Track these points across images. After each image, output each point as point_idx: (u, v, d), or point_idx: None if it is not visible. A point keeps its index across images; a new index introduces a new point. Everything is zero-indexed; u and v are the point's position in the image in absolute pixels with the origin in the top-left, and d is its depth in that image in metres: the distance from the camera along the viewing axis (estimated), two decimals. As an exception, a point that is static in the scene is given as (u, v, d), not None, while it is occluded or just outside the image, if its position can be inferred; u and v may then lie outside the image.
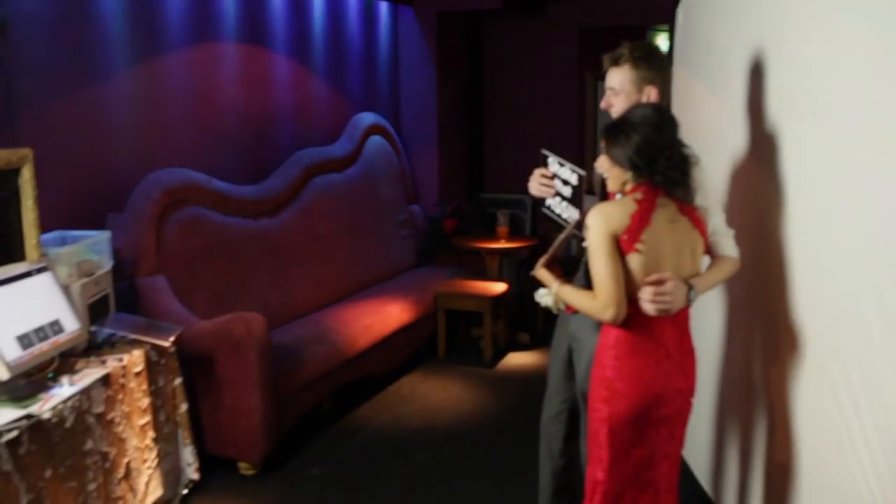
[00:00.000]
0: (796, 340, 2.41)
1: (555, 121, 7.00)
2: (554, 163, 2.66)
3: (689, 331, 2.46)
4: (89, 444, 2.78)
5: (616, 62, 2.59)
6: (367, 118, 5.80)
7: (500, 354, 5.44)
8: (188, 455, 3.51)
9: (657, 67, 2.58)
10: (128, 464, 3.06)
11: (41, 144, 3.56)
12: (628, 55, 2.56)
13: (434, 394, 4.75)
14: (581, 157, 6.99)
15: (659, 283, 2.24)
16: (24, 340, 2.67)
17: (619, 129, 2.30)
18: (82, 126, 3.79)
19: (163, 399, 3.37)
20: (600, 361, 2.39)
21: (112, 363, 3.04)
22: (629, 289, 2.26)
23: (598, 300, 2.25)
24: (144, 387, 3.21)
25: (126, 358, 3.10)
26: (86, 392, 2.79)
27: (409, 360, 5.16)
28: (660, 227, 2.25)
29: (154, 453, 3.27)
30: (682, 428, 2.45)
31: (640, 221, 2.23)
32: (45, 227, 3.45)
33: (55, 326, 2.84)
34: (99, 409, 2.86)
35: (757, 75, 2.67)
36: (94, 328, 3.24)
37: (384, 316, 4.78)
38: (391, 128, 6.06)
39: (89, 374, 2.90)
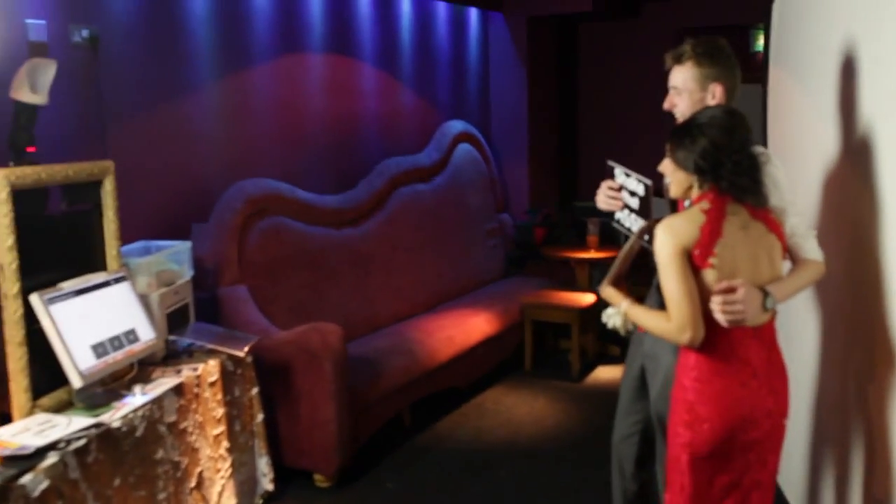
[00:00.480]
0: (895, 363, 2.20)
1: (651, 126, 6.75)
2: (620, 174, 2.52)
3: (778, 346, 2.28)
4: (160, 454, 2.81)
5: (678, 60, 2.44)
6: (456, 126, 5.75)
7: (589, 368, 5.28)
8: (263, 466, 3.52)
9: (722, 64, 2.42)
10: (200, 473, 3.09)
11: (130, 156, 3.68)
12: (691, 52, 2.41)
13: (517, 408, 4.64)
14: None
15: (729, 290, 2.08)
16: (99, 349, 2.73)
17: (685, 130, 2.15)
18: (170, 138, 3.88)
19: (239, 409, 3.39)
20: (681, 383, 2.23)
21: (187, 372, 3.07)
22: (705, 307, 2.10)
23: (672, 322, 2.10)
24: (219, 396, 3.24)
25: (201, 367, 3.12)
26: (158, 401, 2.82)
27: (494, 372, 5.07)
28: (732, 237, 2.10)
29: (228, 463, 3.30)
30: (774, 454, 2.26)
31: (712, 233, 2.08)
32: (131, 237, 3.56)
33: (130, 336, 2.89)
34: (171, 418, 2.89)
35: (849, 73, 2.45)
36: (172, 337, 3.29)
37: (467, 327, 4.70)
38: (480, 135, 5.99)
39: (163, 384, 2.93)
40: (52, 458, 2.29)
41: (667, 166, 2.23)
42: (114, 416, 2.62)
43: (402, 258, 4.94)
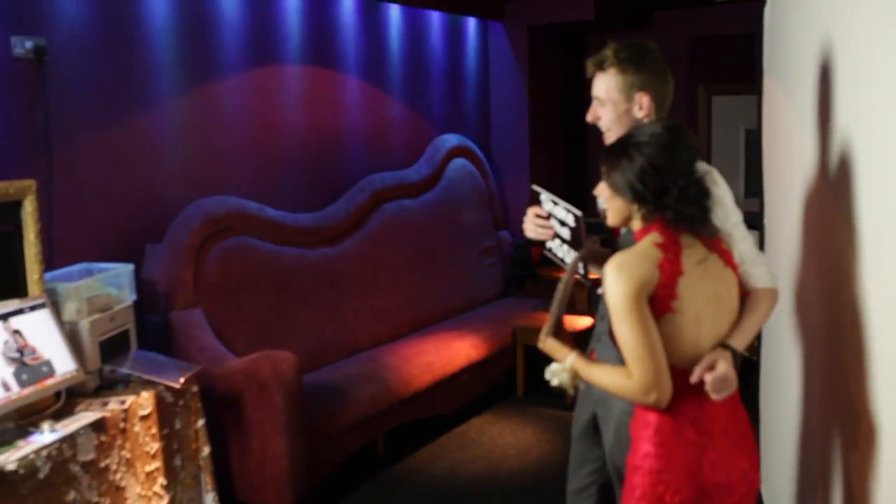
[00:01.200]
0: (874, 430, 1.85)
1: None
2: (547, 201, 2.25)
3: (739, 397, 1.99)
4: (72, 495, 2.60)
5: (600, 66, 2.19)
6: (450, 140, 5.51)
7: (586, 395, 4.97)
8: (210, 502, 3.31)
9: (649, 71, 2.16)
10: (127, 513, 2.88)
11: (80, 174, 3.52)
12: (613, 57, 2.16)
13: (502, 438, 4.36)
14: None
15: (710, 368, 1.81)
16: (3, 383, 2.54)
17: (619, 149, 1.87)
18: (127, 155, 3.71)
19: (181, 442, 3.18)
20: (639, 449, 1.90)
21: (113, 406, 2.87)
22: (672, 354, 1.81)
23: (635, 380, 1.77)
24: (154, 431, 3.03)
25: (129, 400, 2.92)
26: (70, 439, 2.62)
27: (484, 398, 4.80)
28: (692, 274, 1.82)
29: (164, 501, 3.08)
30: None
31: (673, 272, 1.79)
32: (77, 259, 3.39)
33: (44, 368, 2.69)
34: (87, 456, 2.68)
35: (827, 83, 2.15)
36: (110, 368, 3.10)
37: (451, 353, 4.44)
38: (478, 149, 5.74)
39: (80, 419, 2.74)
40: (-77, 507, 2.11)
41: (602, 190, 1.94)
42: (10, 457, 2.42)
43: (384, 278, 4.70)
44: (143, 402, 2.99)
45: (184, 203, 3.86)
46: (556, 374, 1.96)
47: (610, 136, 2.22)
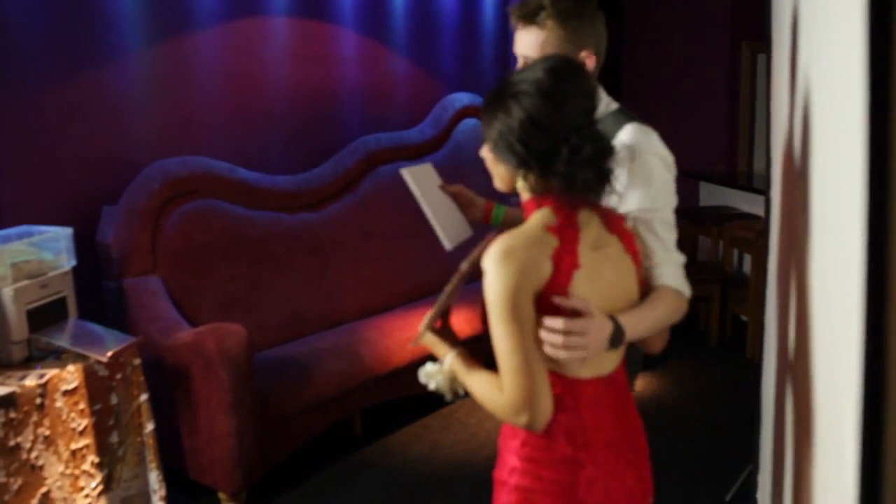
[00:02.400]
0: (812, 429, 1.52)
1: (703, 102, 5.99)
2: (413, 186, 1.91)
3: (632, 397, 1.68)
4: (-29, 476, 2.44)
5: (530, 18, 1.79)
6: (461, 99, 5.16)
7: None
8: (154, 481, 3.12)
9: (592, 20, 1.80)
10: (46, 493, 2.71)
11: (30, 133, 3.33)
12: (550, 7, 1.76)
13: (490, 421, 4.07)
14: (734, 146, 5.94)
15: (575, 314, 1.45)
16: None
17: (495, 101, 1.51)
18: (85, 113, 3.50)
19: (118, 418, 3.00)
20: (505, 460, 1.61)
21: (30, 381, 2.68)
22: (550, 360, 1.48)
23: (505, 396, 1.47)
24: (82, 406, 2.84)
25: (49, 374, 2.73)
26: (-32, 416, 2.44)
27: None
28: (587, 265, 1.49)
29: (97, 480, 2.91)
30: None
31: (568, 266, 1.45)
32: (27, 222, 3.21)
33: (-55, 339, 2.52)
34: (-8, 434, 2.51)
35: (804, 98, 1.75)
36: (41, 337, 2.91)
37: (440, 326, 4.15)
38: (492, 110, 5.36)
39: (-12, 394, 2.56)
40: None
41: (486, 152, 1.60)
42: None
43: (375, 247, 4.43)
44: (68, 375, 2.80)
45: (149, 163, 3.64)
46: (431, 377, 1.65)
47: None
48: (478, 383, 1.55)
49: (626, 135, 1.79)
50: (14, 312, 2.80)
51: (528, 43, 1.82)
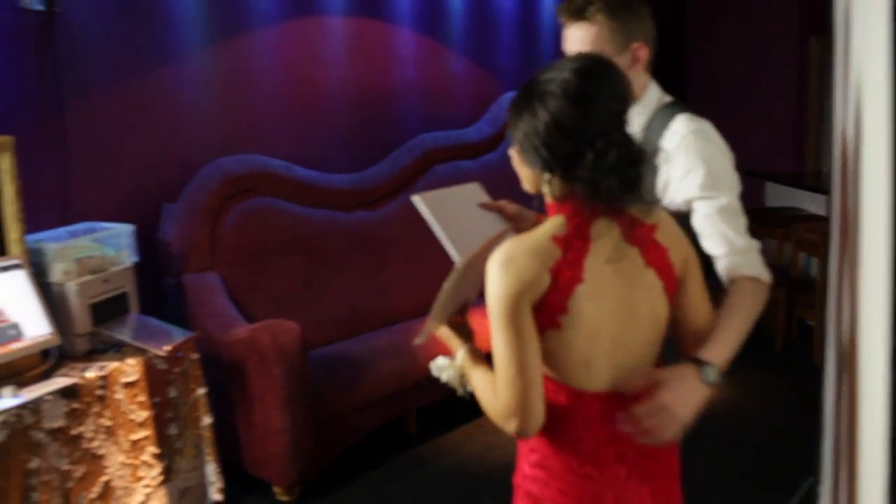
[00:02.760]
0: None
1: (769, 99, 5.84)
2: (426, 213, 1.79)
3: None
4: (36, 463, 2.52)
5: (580, 14, 1.76)
6: (519, 97, 5.12)
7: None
8: (211, 473, 3.19)
9: (642, 15, 1.77)
10: (107, 482, 2.79)
11: (93, 131, 3.43)
12: (599, 1, 1.73)
13: (544, 422, 4.04)
14: (801, 145, 5.78)
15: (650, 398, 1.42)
16: (-37, 346, 2.47)
17: (522, 101, 1.46)
18: (146, 112, 3.60)
19: (177, 411, 3.07)
20: (520, 465, 1.61)
21: (92, 372, 2.77)
22: (553, 370, 1.48)
23: (498, 401, 1.45)
24: (142, 398, 2.92)
25: (110, 367, 2.82)
26: (33, 405, 2.53)
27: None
28: (596, 278, 1.44)
29: (156, 470, 2.98)
30: None
31: (568, 280, 1.42)
32: (87, 217, 3.32)
33: (11, 331, 2.61)
34: (55, 423, 2.59)
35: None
36: (103, 331, 3.00)
37: (495, 326, 4.14)
38: (553, 108, 5.32)
39: (50, 385, 2.65)
40: None
41: (513, 154, 1.56)
42: (-41, 422, 2.35)
43: (432, 245, 4.39)
44: (128, 368, 2.88)
45: (208, 161, 3.72)
46: (442, 370, 1.65)
47: None
48: (479, 383, 1.54)
49: (678, 125, 1.80)
50: (78, 306, 2.90)
51: (578, 39, 1.79)
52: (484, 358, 1.57)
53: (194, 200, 3.52)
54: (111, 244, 3.10)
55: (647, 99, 1.89)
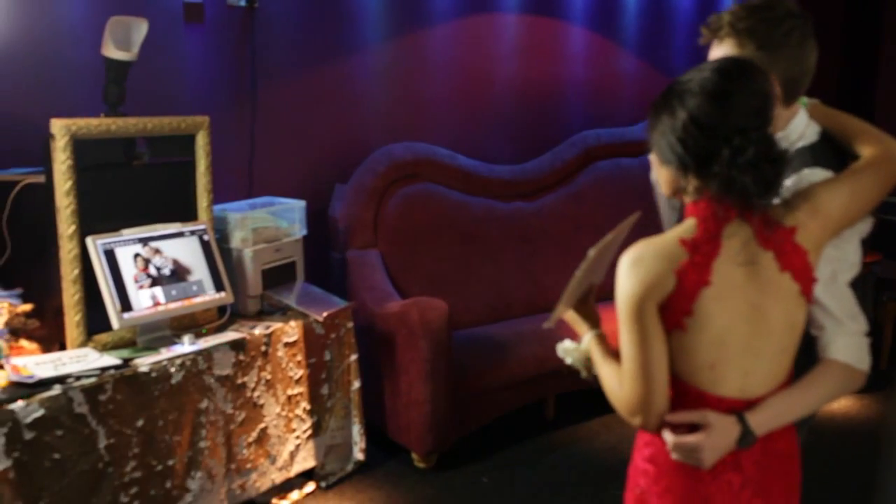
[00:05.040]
0: None
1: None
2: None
3: (790, 426, 1.60)
4: (206, 404, 2.88)
5: (715, 34, 1.70)
6: (690, 97, 5.08)
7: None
8: (356, 434, 3.48)
9: (778, 44, 1.62)
10: (263, 429, 3.13)
11: (279, 114, 3.80)
12: (728, 27, 1.66)
13: (684, 423, 4.04)
14: None
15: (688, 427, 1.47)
16: (155, 295, 2.86)
17: (662, 102, 1.48)
18: (327, 98, 3.93)
19: (330, 373, 3.37)
20: (634, 461, 1.66)
21: (259, 330, 3.11)
22: (679, 370, 1.50)
23: (623, 395, 1.50)
24: (300, 358, 3.25)
25: (274, 327, 3.15)
26: (206, 354, 2.89)
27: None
28: (725, 281, 1.44)
29: (307, 424, 3.30)
30: None
31: (694, 283, 1.43)
32: (265, 192, 3.70)
33: (195, 287, 2.99)
34: (224, 371, 2.94)
35: None
36: (272, 294, 3.34)
37: (642, 323, 4.17)
38: (725, 109, 5.23)
39: (223, 337, 3.01)
40: (55, 391, 2.46)
41: (652, 158, 1.58)
42: (146, 360, 2.73)
43: (586, 239, 4.43)
44: (290, 330, 3.20)
45: (380, 146, 4.01)
46: (568, 353, 1.73)
47: None
48: (604, 372, 1.58)
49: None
50: (252, 271, 3.26)
51: (712, 58, 1.78)
52: (610, 344, 1.63)
53: (363, 182, 3.81)
54: (285, 217, 3.45)
55: (785, 135, 1.73)
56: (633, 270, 1.44)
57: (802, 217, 1.49)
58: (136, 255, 2.85)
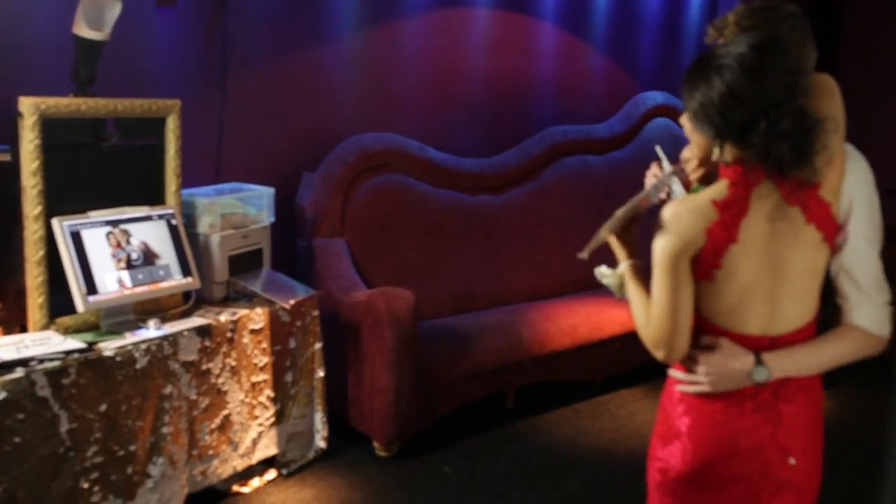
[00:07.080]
0: None
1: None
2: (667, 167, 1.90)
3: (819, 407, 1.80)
4: (169, 389, 2.87)
5: (721, 34, 1.77)
6: (654, 98, 5.17)
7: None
8: (318, 422, 3.50)
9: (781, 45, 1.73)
10: (227, 416, 3.13)
11: (249, 101, 3.78)
12: (734, 26, 1.73)
13: (640, 416, 4.12)
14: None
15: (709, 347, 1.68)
16: (121, 279, 2.84)
17: (698, 72, 1.60)
18: (298, 87, 3.92)
19: (294, 361, 3.38)
20: (666, 389, 1.84)
21: (224, 316, 3.11)
22: (705, 312, 1.69)
23: (650, 329, 1.68)
24: (265, 345, 3.25)
25: (240, 313, 3.14)
26: (171, 339, 2.88)
27: (641, 371, 4.54)
28: (752, 238, 1.61)
29: (270, 412, 3.31)
30: (779, 498, 1.72)
31: (722, 240, 1.60)
32: (232, 178, 3.68)
33: (161, 271, 2.97)
34: (189, 357, 2.94)
35: None
36: (238, 281, 3.33)
37: (603, 319, 4.23)
38: (688, 110, 5.32)
39: (189, 323, 3.00)
40: (17, 373, 2.43)
41: (685, 123, 1.71)
42: (111, 344, 2.72)
43: (550, 234, 4.58)
44: (256, 316, 3.20)
45: (349, 137, 4.01)
46: (604, 276, 1.90)
47: None
48: (635, 304, 1.74)
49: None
50: (219, 257, 3.25)
51: None
52: (644, 274, 1.77)
53: (331, 171, 3.82)
54: (253, 204, 3.44)
55: None
56: (669, 227, 1.62)
57: (823, 170, 1.60)
58: (109, 234, 2.83)
